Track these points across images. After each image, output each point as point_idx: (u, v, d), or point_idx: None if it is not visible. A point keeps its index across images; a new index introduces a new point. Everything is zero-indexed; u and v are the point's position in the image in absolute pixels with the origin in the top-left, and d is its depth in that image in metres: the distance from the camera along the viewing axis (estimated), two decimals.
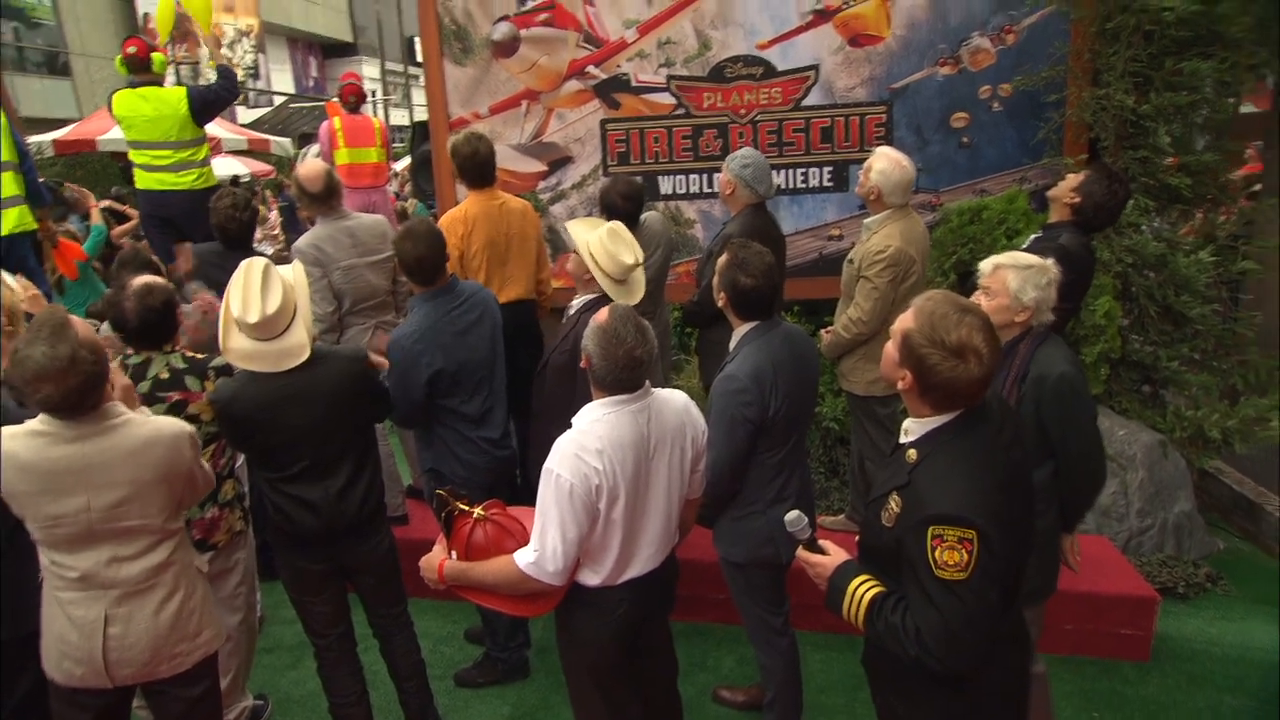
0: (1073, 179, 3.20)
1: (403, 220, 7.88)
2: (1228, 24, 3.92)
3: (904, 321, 1.77)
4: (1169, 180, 4.18)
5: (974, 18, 4.44)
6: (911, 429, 1.83)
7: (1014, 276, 2.41)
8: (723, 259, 2.63)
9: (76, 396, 2.00)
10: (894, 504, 1.77)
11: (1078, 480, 2.49)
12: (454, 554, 2.33)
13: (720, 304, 2.67)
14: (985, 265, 2.51)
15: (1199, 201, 4.40)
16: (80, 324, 2.03)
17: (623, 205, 3.67)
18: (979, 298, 2.45)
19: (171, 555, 2.23)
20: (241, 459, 3.12)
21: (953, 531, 1.63)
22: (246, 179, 13.02)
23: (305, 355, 2.55)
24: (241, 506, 2.98)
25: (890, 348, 1.82)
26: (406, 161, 11.54)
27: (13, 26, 16.15)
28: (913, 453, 1.78)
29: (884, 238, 3.45)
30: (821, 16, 4.56)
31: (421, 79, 5.66)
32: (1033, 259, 2.47)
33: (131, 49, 5.15)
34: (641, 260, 3.04)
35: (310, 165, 3.94)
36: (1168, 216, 4.51)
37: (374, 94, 19.15)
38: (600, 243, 2.95)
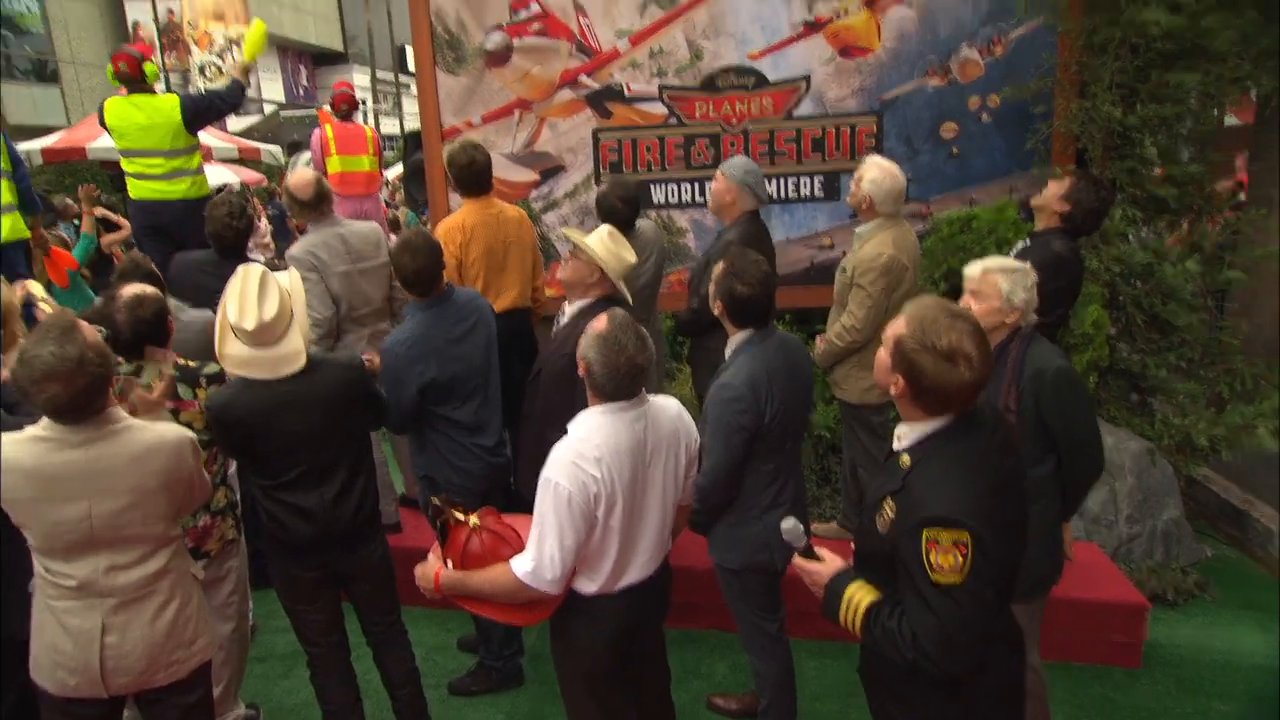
0: (1056, 187, 3.24)
1: (394, 228, 7.90)
2: (1212, 38, 3.96)
3: (895, 327, 1.79)
4: (1156, 191, 4.24)
5: (963, 30, 4.49)
6: (905, 434, 1.85)
7: (1004, 279, 2.48)
8: (719, 267, 2.65)
9: (84, 398, 2.00)
10: (888, 509, 1.78)
11: (1078, 470, 2.54)
12: (450, 563, 2.34)
13: (716, 312, 2.68)
14: (972, 270, 2.56)
15: (1185, 212, 4.45)
16: (87, 328, 2.03)
17: (621, 209, 3.66)
18: (967, 301, 2.50)
19: (169, 563, 2.22)
20: (234, 466, 3.11)
21: (947, 535, 1.64)
22: (237, 187, 12.98)
23: (302, 362, 2.55)
24: (234, 514, 2.97)
25: (883, 353, 1.83)
26: (398, 170, 11.56)
27: (1, 34, 16.09)
28: (906, 458, 1.79)
29: (877, 245, 3.47)
30: (812, 28, 4.60)
31: (412, 88, 5.66)
32: (1016, 263, 2.54)
33: (122, 64, 5.09)
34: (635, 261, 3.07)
35: (299, 174, 3.95)
36: (1155, 226, 4.57)
37: (364, 103, 19.17)
38: (602, 243, 2.96)
